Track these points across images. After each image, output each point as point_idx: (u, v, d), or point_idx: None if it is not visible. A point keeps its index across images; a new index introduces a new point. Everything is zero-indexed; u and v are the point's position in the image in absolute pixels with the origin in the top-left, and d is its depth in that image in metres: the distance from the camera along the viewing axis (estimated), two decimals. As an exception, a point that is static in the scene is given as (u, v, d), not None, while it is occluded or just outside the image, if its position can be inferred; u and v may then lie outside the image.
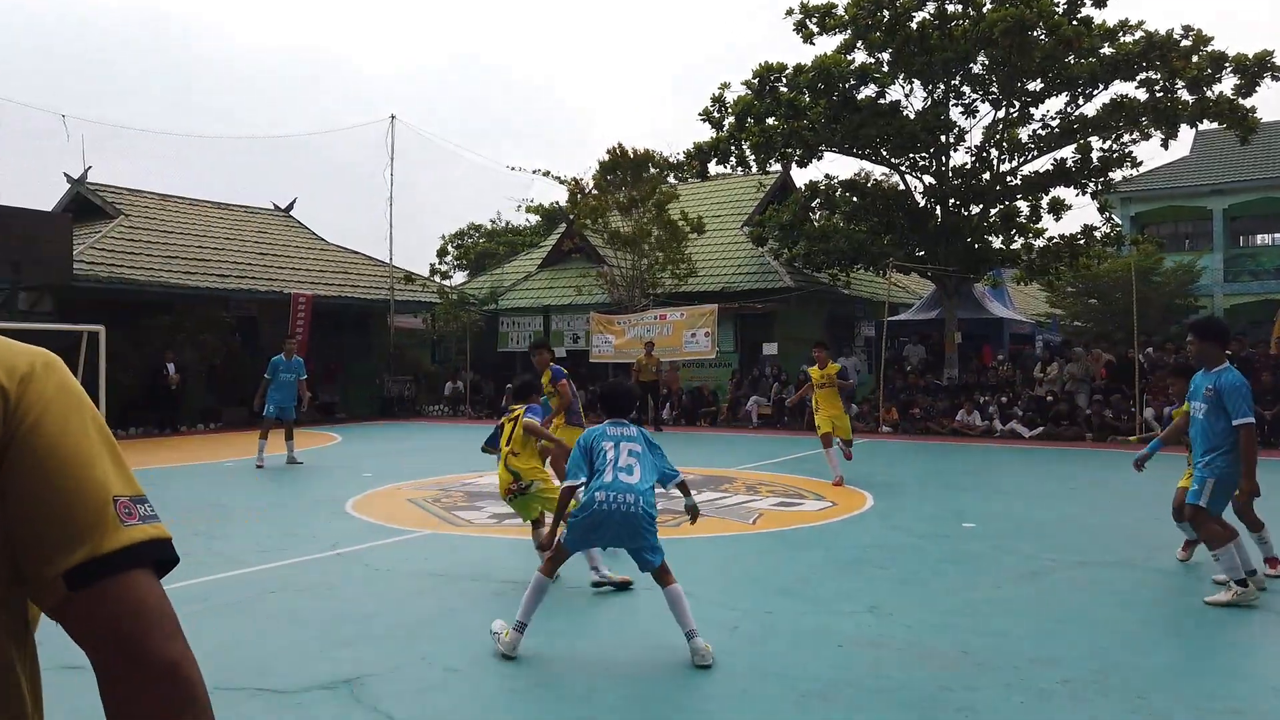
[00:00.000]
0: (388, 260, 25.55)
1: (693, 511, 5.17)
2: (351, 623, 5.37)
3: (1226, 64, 17.91)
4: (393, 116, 24.61)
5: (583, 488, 4.95)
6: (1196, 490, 5.83)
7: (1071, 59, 18.49)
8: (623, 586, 6.15)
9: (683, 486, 5.20)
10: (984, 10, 18.78)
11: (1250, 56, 17.83)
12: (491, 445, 6.93)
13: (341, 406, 23.89)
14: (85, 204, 22.34)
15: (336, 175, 71.72)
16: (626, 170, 22.70)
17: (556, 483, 6.11)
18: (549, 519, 5.79)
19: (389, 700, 4.13)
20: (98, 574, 1.03)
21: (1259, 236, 34.56)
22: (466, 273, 43.53)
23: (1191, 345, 6.23)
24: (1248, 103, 18.03)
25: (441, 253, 48.27)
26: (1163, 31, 18.16)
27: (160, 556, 1.10)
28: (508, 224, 46.68)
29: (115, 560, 1.04)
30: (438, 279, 35.58)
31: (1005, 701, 4.05)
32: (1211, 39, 18.02)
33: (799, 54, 74.46)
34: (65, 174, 22.58)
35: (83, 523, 1.04)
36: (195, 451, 15.61)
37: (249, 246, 23.89)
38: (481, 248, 46.02)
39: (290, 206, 27.97)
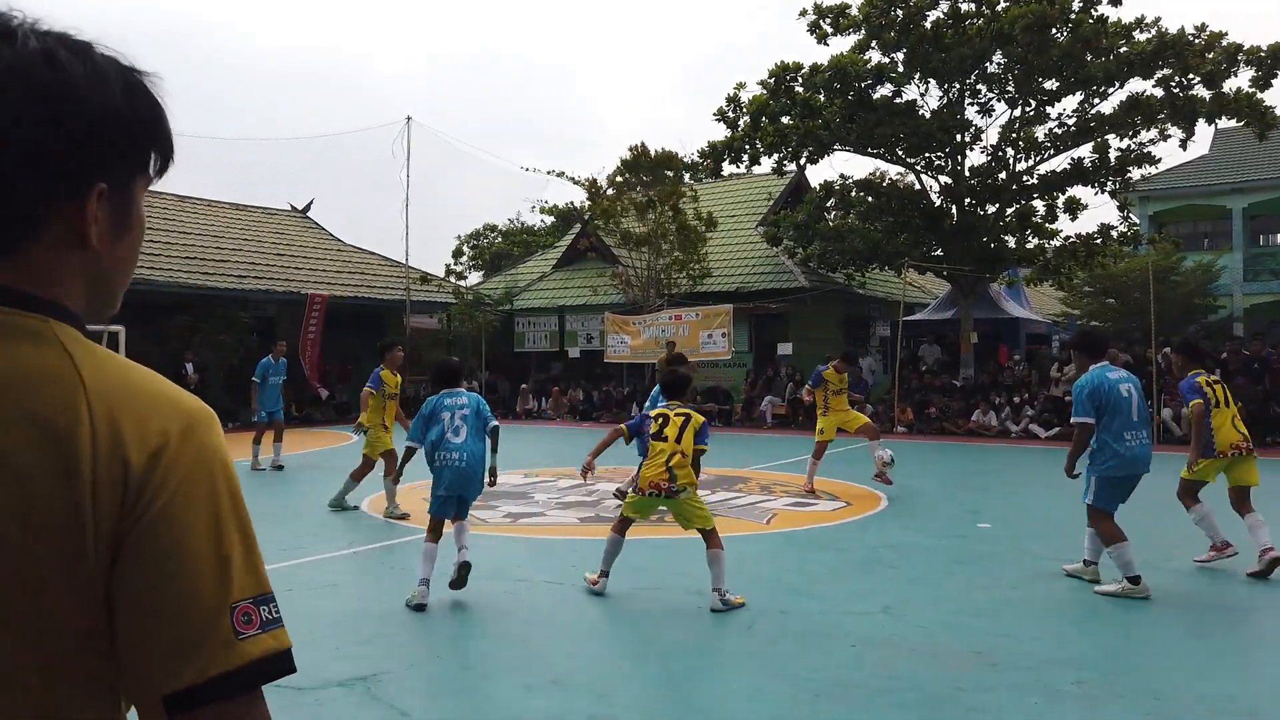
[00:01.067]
0: (404, 261, 25.68)
1: (492, 473, 6.27)
2: (368, 621, 5.42)
3: (1241, 56, 17.78)
4: (408, 118, 24.71)
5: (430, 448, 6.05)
6: (1084, 489, 6.41)
7: (1089, 57, 18.40)
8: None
9: (494, 433, 6.40)
10: (999, 8, 18.71)
11: (1265, 49, 17.70)
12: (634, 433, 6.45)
13: (356, 406, 24.01)
14: (105, 206, 22.56)
15: (353, 176, 72.21)
16: (648, 170, 22.75)
17: (701, 497, 6.10)
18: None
19: (405, 697, 4.18)
20: (203, 700, 0.88)
21: (1279, 236, 34.22)
22: (482, 273, 43.68)
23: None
24: (1265, 97, 17.90)
25: (457, 253, 48.47)
26: (1174, 30, 18.06)
27: (278, 671, 0.95)
28: (523, 224, 46.82)
29: (224, 684, 0.89)
30: (453, 279, 35.71)
31: (1018, 702, 4.05)
32: (1225, 34, 17.89)
33: (806, 51, 74.33)
34: (85, 176, 22.81)
35: (191, 636, 0.88)
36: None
37: (266, 247, 24.07)
38: (497, 248, 46.17)
39: (308, 207, 28.16)
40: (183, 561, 0.89)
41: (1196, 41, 17.86)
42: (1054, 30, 18.05)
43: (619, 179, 23.66)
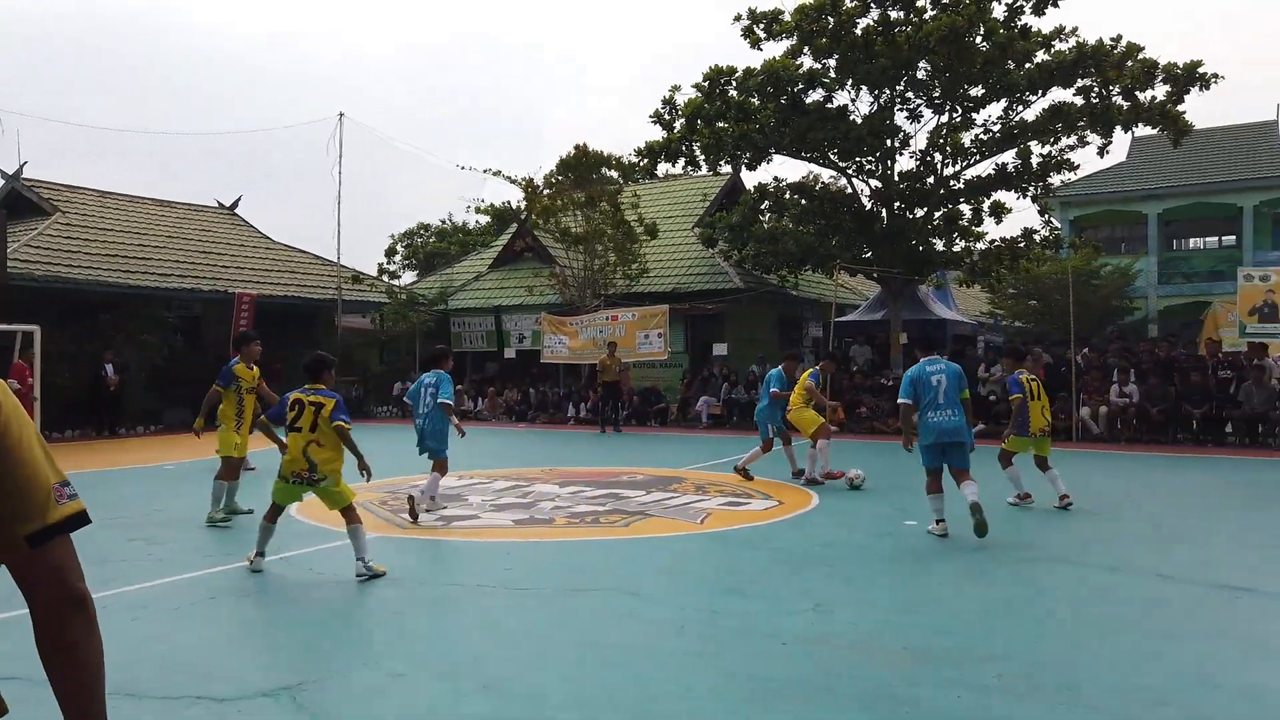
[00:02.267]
0: (335, 260, 25.22)
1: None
2: (294, 628, 5.31)
3: (1157, 72, 18.49)
4: (341, 114, 24.30)
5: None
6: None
7: (1011, 65, 18.93)
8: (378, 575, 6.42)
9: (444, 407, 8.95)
10: (925, 17, 19.15)
11: (1180, 66, 18.42)
12: (276, 420, 6.78)
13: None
14: (20, 200, 21.71)
15: (283, 173, 70.59)
16: (586, 169, 22.73)
17: (345, 484, 6.64)
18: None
19: (332, 706, 4.10)
20: (46, 536, 1.55)
21: (1192, 240, 35.66)
22: (416, 273, 43.11)
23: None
24: (1180, 109, 18.63)
25: (390, 252, 47.76)
26: (1093, 42, 18.70)
27: (79, 524, 1.61)
28: (460, 224, 46.35)
29: (56, 529, 1.56)
30: (386, 279, 35.17)
31: (945, 697, 4.15)
32: (1142, 48, 18.60)
33: (745, 56, 75.12)
34: (-2, 170, 21.94)
35: (36, 502, 1.55)
36: (135, 454, 15.27)
37: (192, 245, 23.41)
38: (432, 248, 45.63)
39: (235, 204, 27.48)
40: (24, 460, 1.56)
41: (1114, 52, 18.50)
42: (970, 39, 18.50)
43: (557, 178, 23.59)
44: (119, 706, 4.09)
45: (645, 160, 21.54)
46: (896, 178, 21.01)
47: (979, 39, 18.65)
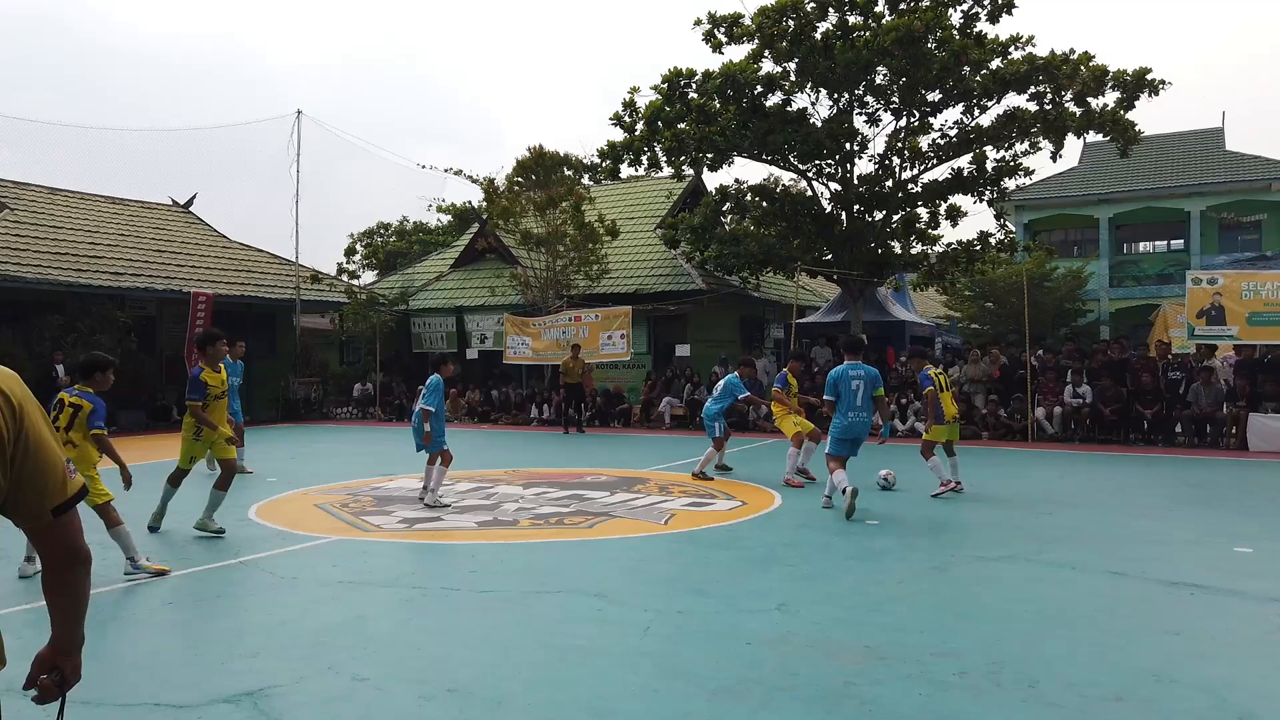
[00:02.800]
0: (293, 259, 24.88)
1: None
2: (256, 633, 5.24)
3: (1108, 79, 18.88)
4: (299, 111, 24.03)
5: None
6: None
7: (966, 71, 19.22)
8: (160, 574, 6.60)
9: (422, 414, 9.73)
10: (883, 21, 19.37)
11: (1130, 73, 18.83)
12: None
13: (243, 409, 23.16)
14: (-36, 196, 21.15)
15: (240, 171, 69.45)
16: (545, 170, 22.66)
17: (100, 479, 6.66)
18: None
19: (294, 712, 4.06)
20: (67, 507, 1.95)
21: (1141, 244, 36.46)
22: (376, 272, 42.69)
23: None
24: (1130, 116, 19.04)
25: (350, 251, 47.25)
26: (1044, 54, 19.03)
27: (83, 495, 2.01)
28: (418, 223, 45.97)
29: (71, 500, 1.96)
30: (345, 278, 34.79)
31: (907, 694, 4.20)
32: (1093, 56, 18.98)
33: (702, 59, 75.43)
34: (-58, 165, 21.36)
35: (58, 480, 1.93)
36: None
37: (145, 243, 22.98)
38: (392, 247, 45.21)
39: (190, 202, 27.03)
40: (44, 443, 1.91)
41: (1065, 66, 18.83)
42: (925, 44, 18.75)
43: (517, 180, 23.51)
44: (77, 713, 4.01)
45: (608, 161, 21.54)
46: (856, 181, 21.23)
47: (933, 45, 18.89)
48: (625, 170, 22.28)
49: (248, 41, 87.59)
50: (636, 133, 21.11)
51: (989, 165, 20.65)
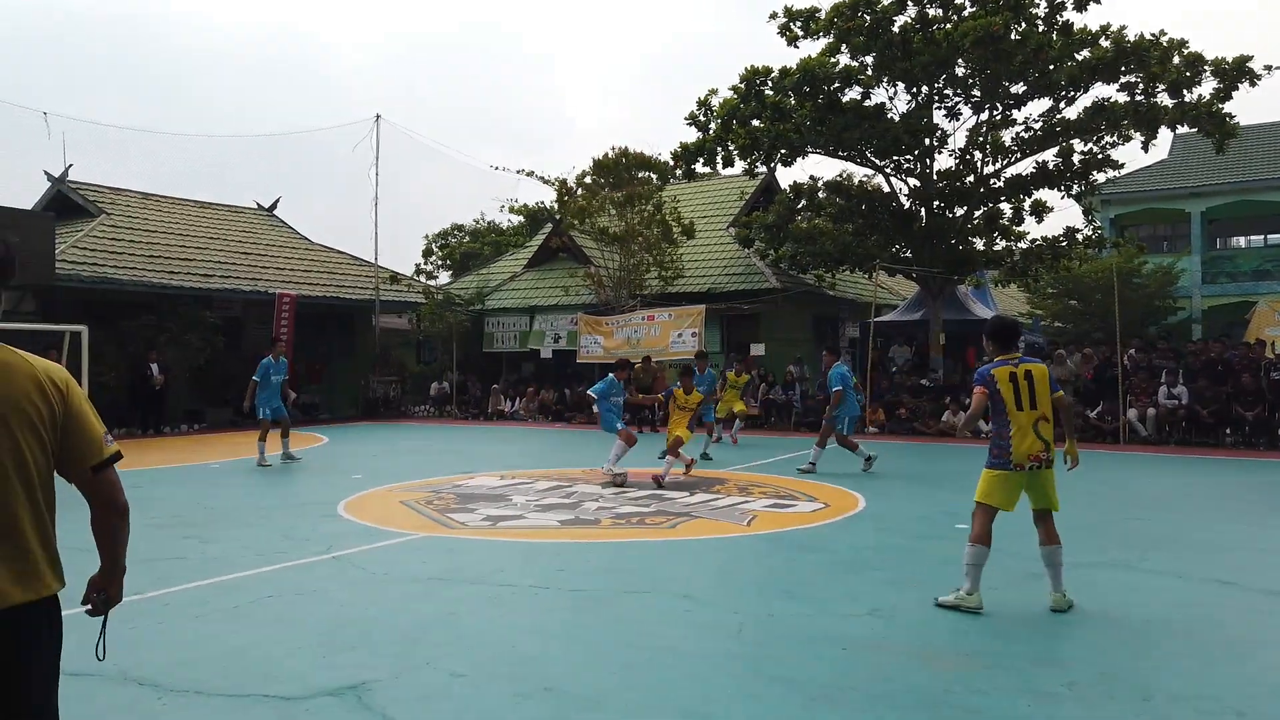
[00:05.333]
0: (373, 260, 25.42)
1: None
2: (353, 628, 5.34)
3: (1205, 67, 18.05)
4: (378, 116, 24.52)
5: None
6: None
7: (1052, 68, 18.60)
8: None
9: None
10: (964, 14, 18.90)
11: (1229, 61, 18.00)
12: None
13: (325, 407, 23.78)
14: (66, 203, 22.09)
15: (320, 174, 71.31)
16: (624, 170, 22.78)
17: None
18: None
19: (395, 706, 4.12)
20: (104, 466, 2.51)
21: (1236, 239, 34.96)
22: (451, 273, 43.37)
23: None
24: (1226, 108, 18.15)
25: (426, 253, 48.10)
26: (1133, 38, 18.25)
27: (119, 459, 2.57)
28: (491, 224, 46.57)
29: (109, 460, 2.53)
30: (423, 279, 35.42)
31: (1012, 705, 4.08)
32: (1187, 42, 18.13)
33: (773, 46, 74.86)
34: (46, 172, 22.36)
35: (96, 445, 2.50)
36: (181, 453, 15.48)
37: (232, 246, 23.70)
38: (466, 248, 45.86)
39: (274, 205, 27.78)
40: (87, 419, 2.50)
41: (1154, 49, 18.05)
42: (1006, 41, 18.19)
43: (589, 179, 23.63)
44: (186, 704, 4.14)
45: (682, 161, 21.50)
46: (935, 176, 20.79)
47: (1014, 37, 18.34)
48: (698, 169, 22.21)
49: (321, 40, 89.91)
50: (710, 132, 21.00)
51: (1075, 158, 19.99)
